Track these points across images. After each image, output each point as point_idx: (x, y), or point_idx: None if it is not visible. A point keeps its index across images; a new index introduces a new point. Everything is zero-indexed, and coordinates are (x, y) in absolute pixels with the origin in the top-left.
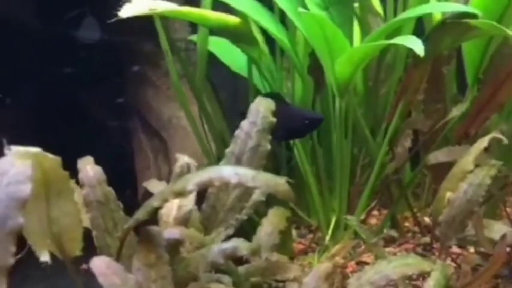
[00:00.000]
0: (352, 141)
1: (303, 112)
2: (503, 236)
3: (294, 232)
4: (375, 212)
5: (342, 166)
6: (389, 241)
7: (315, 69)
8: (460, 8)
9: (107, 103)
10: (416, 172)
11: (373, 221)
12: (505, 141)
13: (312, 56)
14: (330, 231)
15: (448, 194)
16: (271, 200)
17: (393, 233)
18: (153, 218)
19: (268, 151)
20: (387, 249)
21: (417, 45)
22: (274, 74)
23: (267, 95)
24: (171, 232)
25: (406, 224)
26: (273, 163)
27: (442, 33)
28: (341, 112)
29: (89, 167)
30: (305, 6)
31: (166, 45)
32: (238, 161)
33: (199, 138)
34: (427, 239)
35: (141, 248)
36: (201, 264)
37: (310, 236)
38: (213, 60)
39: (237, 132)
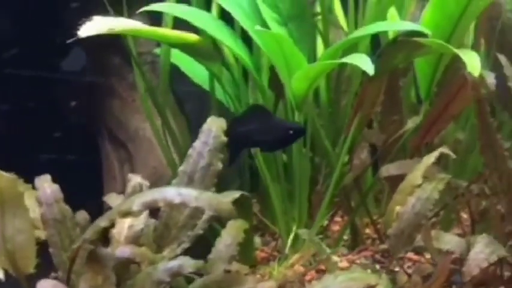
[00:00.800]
0: (314, 151)
1: (286, 123)
2: (448, 252)
3: (258, 240)
4: (338, 219)
5: (302, 175)
6: (348, 248)
7: (275, 83)
8: (412, 26)
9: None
10: (374, 181)
11: (336, 227)
12: (453, 156)
13: (273, 70)
14: (290, 240)
15: (397, 208)
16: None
17: (351, 239)
18: (106, 236)
19: (219, 170)
20: (347, 257)
21: (367, 65)
22: (235, 88)
23: (252, 108)
24: (121, 251)
25: (367, 231)
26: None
27: (395, 50)
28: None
29: (46, 185)
30: (264, 22)
31: (133, 58)
32: (190, 180)
33: (164, 150)
34: (385, 246)
35: (88, 269)
36: (147, 283)
37: (274, 243)
38: (180, 73)
39: (189, 151)
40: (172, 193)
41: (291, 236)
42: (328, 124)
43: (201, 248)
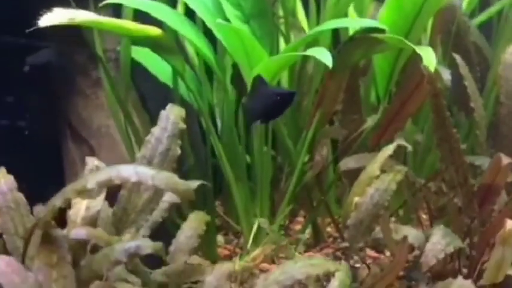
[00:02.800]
0: (277, 149)
1: (274, 90)
2: (405, 238)
3: (221, 238)
4: (301, 219)
5: (263, 173)
6: (310, 246)
7: (238, 79)
8: (370, 23)
9: (35, 110)
10: (335, 178)
11: (297, 227)
12: (410, 148)
13: (235, 66)
14: (251, 237)
15: (356, 199)
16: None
17: (312, 237)
18: (63, 218)
19: (178, 155)
20: (308, 253)
21: (326, 57)
22: (198, 85)
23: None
24: (77, 232)
25: (329, 229)
26: (200, 169)
27: (353, 46)
28: None
29: (0, 175)
30: (227, 20)
31: (98, 54)
32: (149, 164)
33: (127, 146)
34: (347, 244)
35: (43, 248)
36: (104, 264)
37: (237, 241)
38: (145, 69)
39: (148, 137)
40: (128, 171)
41: (253, 233)
42: (291, 122)
43: (163, 240)
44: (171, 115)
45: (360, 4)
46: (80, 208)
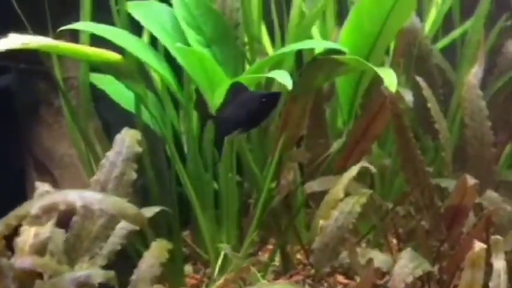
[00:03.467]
0: (243, 176)
1: (258, 93)
2: (370, 261)
3: (190, 268)
4: (270, 246)
5: (229, 200)
6: (279, 273)
7: (201, 104)
8: (330, 45)
9: None
10: (302, 203)
11: (267, 254)
12: (373, 170)
13: (198, 91)
14: (218, 265)
15: (321, 222)
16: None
17: (281, 265)
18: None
19: (133, 180)
20: (276, 281)
21: (286, 79)
22: (161, 111)
23: (231, 87)
24: (22, 261)
25: (298, 256)
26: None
27: (315, 68)
28: (226, 147)
29: None
30: (188, 44)
31: (57, 81)
32: (103, 189)
33: (89, 176)
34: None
35: None
36: None
37: (205, 271)
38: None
39: (102, 161)
40: (73, 195)
41: (219, 261)
42: (257, 147)
43: (125, 270)
44: (127, 138)
45: (324, 27)
46: (29, 235)
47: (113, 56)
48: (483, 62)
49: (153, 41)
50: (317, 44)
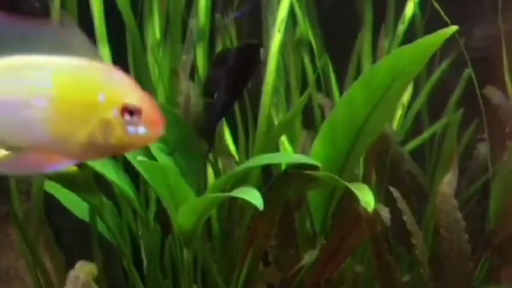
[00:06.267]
0: None
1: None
2: None
3: None
4: None
5: None
6: None
7: (162, 216)
8: (302, 159)
9: None
10: None
11: None
12: None
13: (159, 201)
14: None
15: None
16: None
17: None
18: None
19: None
20: None
21: (257, 199)
22: (118, 221)
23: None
24: None
25: None
26: None
27: (286, 182)
28: (189, 260)
29: None
30: (150, 152)
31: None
32: None
33: None
34: None
35: None
36: None
37: None
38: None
39: None
40: None
41: None
42: (221, 258)
43: None
44: (81, 274)
45: (291, 131)
46: None
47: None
48: (457, 169)
49: None
50: (289, 157)
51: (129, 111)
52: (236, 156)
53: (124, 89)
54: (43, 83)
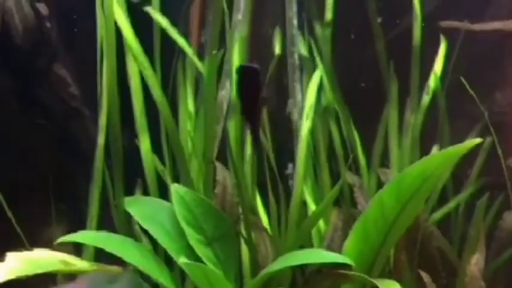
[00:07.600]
0: None
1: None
2: None
3: None
4: None
5: None
6: None
7: None
8: (337, 258)
9: None
10: None
11: None
12: None
13: None
14: None
15: None
16: None
17: None
18: None
19: None
20: None
21: None
22: None
23: None
24: None
25: None
26: None
27: (319, 281)
28: None
29: None
30: (188, 244)
31: None
32: None
33: None
34: None
35: None
36: None
37: None
38: None
39: None
40: None
41: None
42: None
43: None
44: None
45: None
46: None
47: (113, 269)
48: (484, 249)
49: None
50: (324, 257)
51: None
52: (268, 229)
53: None
54: None
